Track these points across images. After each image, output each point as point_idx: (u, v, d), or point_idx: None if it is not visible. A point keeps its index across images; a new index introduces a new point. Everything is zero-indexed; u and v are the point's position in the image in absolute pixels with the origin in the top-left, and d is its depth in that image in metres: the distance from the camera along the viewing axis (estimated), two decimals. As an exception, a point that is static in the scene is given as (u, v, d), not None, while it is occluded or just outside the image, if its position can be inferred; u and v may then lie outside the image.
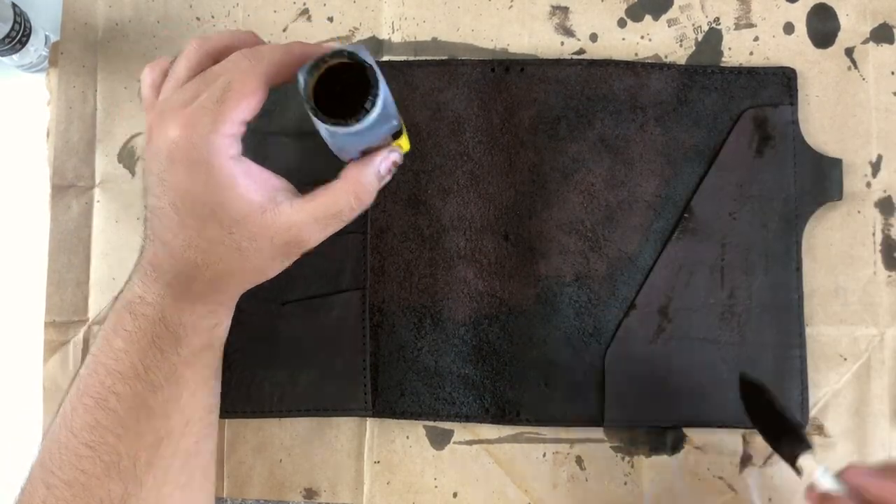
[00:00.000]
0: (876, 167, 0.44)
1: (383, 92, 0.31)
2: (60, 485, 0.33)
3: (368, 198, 0.35)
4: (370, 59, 0.31)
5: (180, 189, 0.32)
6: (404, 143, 0.36)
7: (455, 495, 0.43)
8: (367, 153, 0.35)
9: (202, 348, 0.36)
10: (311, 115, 0.31)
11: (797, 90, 0.44)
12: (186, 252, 0.33)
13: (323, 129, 0.32)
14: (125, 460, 0.34)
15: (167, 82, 0.34)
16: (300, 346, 0.43)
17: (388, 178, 0.36)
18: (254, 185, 0.33)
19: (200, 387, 0.36)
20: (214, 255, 0.33)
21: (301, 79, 0.32)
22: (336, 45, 0.32)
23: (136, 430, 0.34)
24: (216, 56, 0.34)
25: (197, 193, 0.32)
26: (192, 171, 0.32)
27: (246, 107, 0.32)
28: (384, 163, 0.35)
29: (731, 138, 0.43)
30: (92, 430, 0.34)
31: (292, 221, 0.33)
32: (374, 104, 0.31)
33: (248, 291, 0.43)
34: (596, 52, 0.45)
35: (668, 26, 0.45)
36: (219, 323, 0.37)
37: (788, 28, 0.45)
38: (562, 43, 0.45)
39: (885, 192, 0.44)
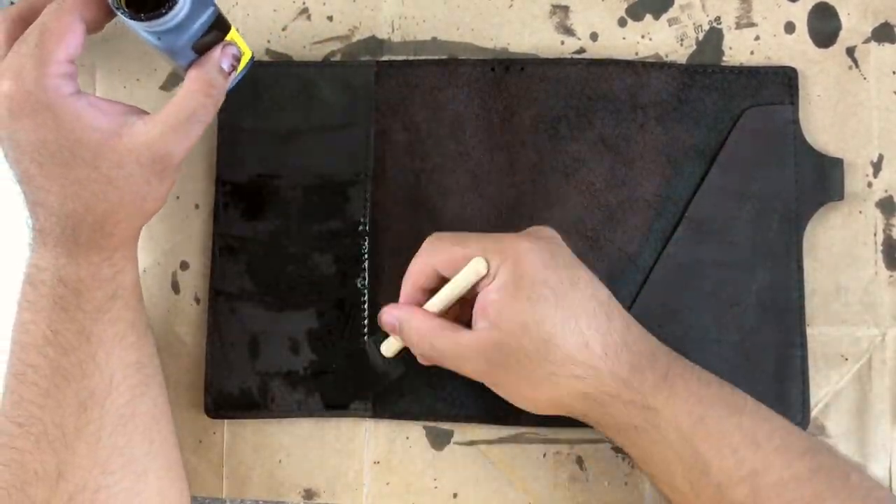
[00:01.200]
0: (877, 167, 0.44)
1: None
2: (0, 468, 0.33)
3: (217, 92, 0.36)
4: None
5: (34, 142, 0.33)
6: (240, 42, 0.37)
7: (455, 496, 0.43)
8: (203, 53, 0.36)
9: (106, 300, 0.35)
10: (127, 23, 0.32)
11: (798, 90, 0.44)
12: (64, 204, 0.33)
13: (146, 33, 0.33)
14: (52, 429, 0.33)
15: None
16: (300, 345, 0.43)
17: (235, 74, 0.36)
18: (101, 113, 0.33)
19: (117, 342, 0.36)
20: (89, 196, 0.34)
21: (112, 4, 0.33)
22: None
23: (57, 396, 0.34)
24: (28, 22, 0.34)
25: (50, 139, 0.32)
26: (36, 118, 0.32)
27: (66, 44, 0.33)
28: (223, 57, 0.36)
29: (732, 138, 0.43)
30: (18, 406, 0.34)
31: (151, 137, 0.34)
32: None
33: (248, 291, 0.43)
34: (596, 51, 0.45)
35: (669, 25, 0.45)
36: (119, 271, 0.36)
37: (789, 27, 0.45)
38: (562, 42, 0.45)
39: (886, 191, 0.44)
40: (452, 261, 0.37)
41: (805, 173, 0.43)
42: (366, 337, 0.43)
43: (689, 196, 0.43)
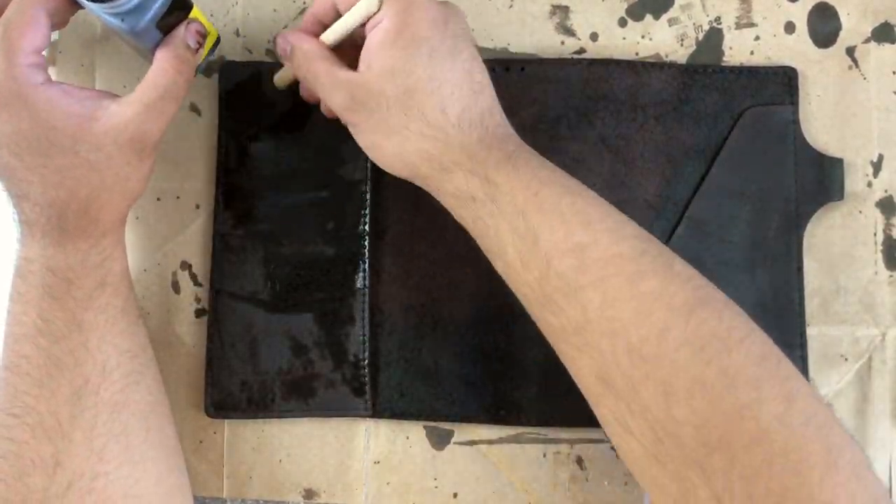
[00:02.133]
0: (877, 167, 0.44)
1: None
2: None
3: (187, 67, 0.37)
4: None
5: (9, 133, 0.33)
6: (204, 21, 0.38)
7: (455, 496, 0.43)
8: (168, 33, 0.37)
9: (96, 287, 0.36)
10: (91, 8, 0.33)
11: (798, 89, 0.44)
12: (47, 193, 0.34)
13: (109, 17, 0.33)
14: (48, 418, 0.34)
15: None
16: (300, 345, 0.43)
17: (202, 52, 0.38)
18: (74, 99, 0.34)
19: (108, 329, 0.36)
20: (72, 182, 0.34)
21: None
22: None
23: (51, 385, 0.34)
24: None
25: (26, 129, 0.33)
26: (10, 109, 0.33)
27: (32, 35, 0.33)
28: (188, 34, 0.37)
29: (732, 138, 0.43)
30: (12, 398, 0.34)
31: (127, 117, 0.34)
32: None
33: (248, 291, 0.43)
34: (596, 51, 0.45)
35: (669, 25, 0.45)
36: (108, 257, 0.36)
37: (789, 27, 0.45)
38: (562, 42, 0.45)
39: (886, 191, 0.44)
40: None
41: (805, 173, 0.43)
42: (366, 337, 0.43)
43: (689, 196, 0.43)
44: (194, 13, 0.38)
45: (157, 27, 0.36)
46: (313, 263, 0.44)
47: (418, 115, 0.35)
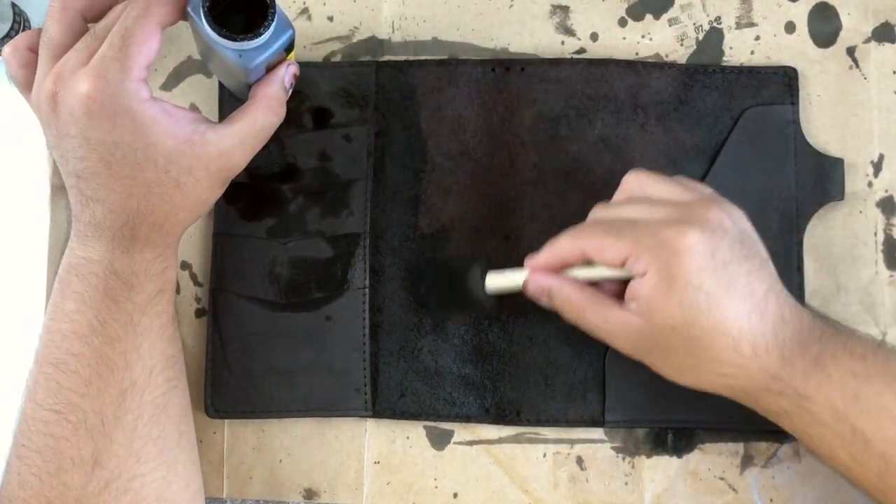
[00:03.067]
0: (878, 167, 0.44)
1: (276, 2, 0.34)
2: (31, 454, 0.34)
3: (281, 110, 0.38)
4: None
5: (107, 142, 0.33)
6: (293, 56, 0.39)
7: (455, 496, 0.43)
8: (268, 70, 0.38)
9: (156, 293, 0.36)
10: (215, 40, 0.34)
11: (798, 89, 0.44)
12: (127, 202, 0.34)
13: (230, 51, 0.34)
14: (91, 417, 0.34)
15: (46, 52, 0.35)
16: (300, 346, 0.43)
17: (290, 91, 0.39)
18: (176, 121, 0.34)
19: (159, 334, 0.36)
20: (155, 197, 0.34)
21: (193, 12, 0.34)
22: None
23: (99, 385, 0.34)
24: (86, 15, 0.35)
25: (125, 142, 0.33)
26: (115, 121, 0.33)
27: (148, 51, 0.33)
28: (287, 76, 0.38)
29: (733, 138, 0.43)
30: (55, 394, 0.34)
31: (221, 148, 0.35)
32: (274, 12, 0.34)
33: (248, 291, 0.43)
34: (596, 51, 0.45)
35: (669, 25, 0.45)
36: (168, 265, 0.37)
37: (790, 27, 0.45)
38: (562, 42, 0.45)
39: (886, 191, 0.44)
40: (602, 249, 0.36)
41: (805, 173, 0.43)
42: (366, 337, 0.43)
43: (690, 196, 0.43)
44: (291, 54, 0.38)
45: (265, 68, 0.37)
46: (313, 263, 0.44)
47: (709, 359, 0.35)
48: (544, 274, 0.38)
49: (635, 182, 0.38)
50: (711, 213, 0.35)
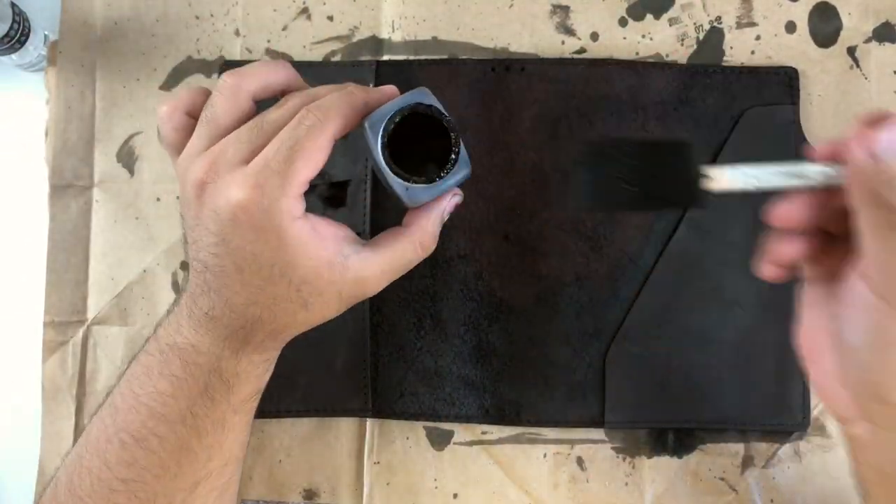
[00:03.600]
0: (878, 167, 0.44)
1: (461, 142, 0.31)
2: None
3: (433, 244, 0.35)
4: (444, 110, 0.31)
5: (246, 251, 0.31)
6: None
7: (455, 496, 0.43)
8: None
9: (252, 395, 0.35)
10: (387, 173, 0.31)
11: (799, 89, 0.43)
12: (249, 308, 0.32)
13: (398, 185, 0.32)
14: (161, 500, 0.33)
15: (206, 128, 0.32)
16: (300, 346, 0.43)
17: (447, 218, 0.35)
18: (322, 242, 0.32)
19: (243, 429, 0.36)
20: (279, 310, 0.33)
21: (370, 131, 0.31)
22: (398, 96, 0.32)
23: (176, 472, 0.33)
24: (257, 97, 0.33)
25: (266, 256, 0.31)
26: (260, 235, 0.31)
27: (314, 166, 0.31)
28: (448, 206, 0.35)
29: (733, 138, 0.43)
30: (129, 466, 0.33)
31: (360, 276, 0.33)
32: (457, 158, 0.31)
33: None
34: (597, 51, 0.45)
35: (670, 25, 0.45)
36: (269, 368, 0.36)
37: (790, 27, 0.45)
38: (562, 42, 0.45)
39: (887, 191, 0.44)
40: None
41: (806, 173, 0.43)
42: (366, 337, 0.43)
43: (690, 196, 0.43)
44: None
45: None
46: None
47: None
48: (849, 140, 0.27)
49: None
50: None
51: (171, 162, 0.34)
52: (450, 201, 0.35)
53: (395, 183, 0.32)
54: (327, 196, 0.44)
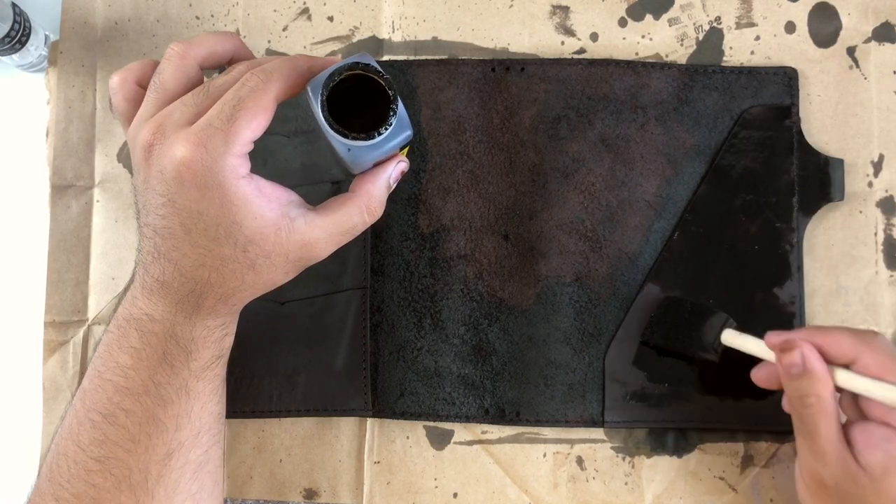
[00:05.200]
0: (878, 167, 0.44)
1: (399, 101, 0.31)
2: (70, 497, 0.33)
3: (380, 209, 0.36)
4: (381, 70, 0.31)
5: (192, 210, 0.31)
6: (405, 150, 0.36)
7: (455, 496, 0.43)
8: (376, 164, 0.35)
9: (212, 360, 0.36)
10: (327, 131, 0.31)
11: (798, 90, 0.44)
12: (198, 270, 0.33)
13: (340, 144, 0.32)
14: (136, 474, 0.33)
15: (154, 94, 0.33)
16: (300, 345, 0.43)
17: (394, 186, 0.36)
18: (267, 202, 0.32)
19: (210, 397, 0.36)
20: (227, 272, 0.33)
21: (312, 93, 0.32)
22: (340, 59, 0.32)
23: (147, 444, 0.34)
24: (204, 64, 0.34)
25: (210, 215, 0.31)
26: (205, 192, 0.31)
27: (257, 126, 0.32)
28: (394, 172, 0.35)
29: (732, 138, 0.43)
30: (101, 444, 0.33)
31: (306, 239, 0.34)
32: (395, 115, 0.31)
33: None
34: (596, 51, 0.45)
35: (669, 25, 0.45)
36: (228, 332, 0.36)
37: (790, 27, 0.45)
38: (562, 42, 0.45)
39: (886, 191, 0.44)
40: (884, 368, 0.34)
41: (805, 173, 0.43)
42: (366, 337, 0.43)
43: (689, 196, 0.43)
44: (404, 150, 0.36)
45: (373, 163, 0.35)
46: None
47: None
48: (814, 349, 0.35)
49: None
50: None
51: (125, 133, 0.35)
52: (396, 167, 0.35)
53: (337, 142, 0.32)
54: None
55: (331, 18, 0.46)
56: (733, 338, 0.39)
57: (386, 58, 0.45)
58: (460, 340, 0.43)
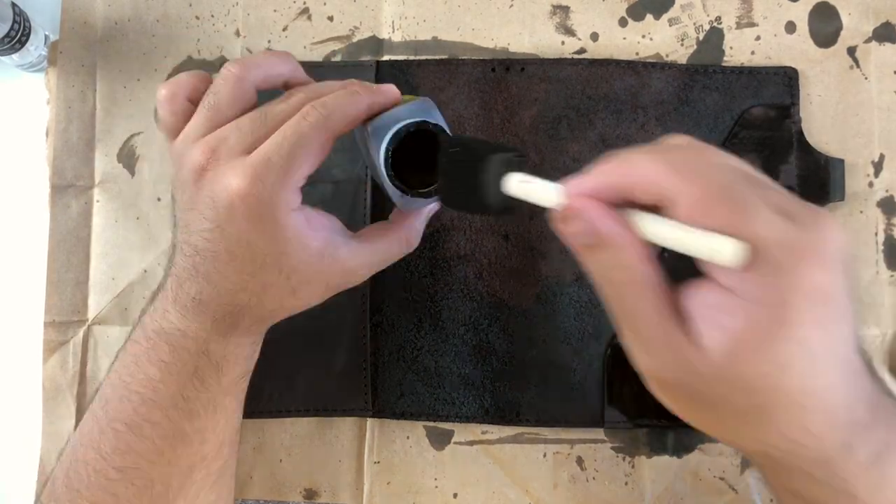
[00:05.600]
0: (878, 167, 0.44)
1: None
2: None
3: (417, 241, 0.36)
4: (444, 124, 0.32)
5: (241, 240, 0.31)
6: None
7: (455, 496, 0.43)
8: None
9: (241, 377, 0.36)
10: (387, 183, 0.32)
11: (799, 90, 0.43)
12: (238, 295, 0.33)
13: (396, 195, 0.33)
14: (158, 486, 0.33)
15: (207, 114, 0.33)
16: (300, 346, 0.43)
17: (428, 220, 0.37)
18: (314, 232, 0.32)
19: (234, 411, 0.36)
20: (267, 297, 0.33)
21: (372, 138, 0.32)
22: (399, 98, 0.33)
23: (171, 456, 0.33)
24: (260, 87, 0.33)
25: (260, 245, 0.31)
26: (257, 225, 0.31)
27: (314, 163, 0.32)
28: (436, 207, 0.36)
29: (733, 138, 0.43)
30: (123, 455, 0.33)
31: (348, 266, 0.34)
32: None
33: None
34: (597, 51, 0.45)
35: (670, 25, 0.45)
36: (257, 350, 0.36)
37: (790, 27, 0.45)
38: (562, 42, 0.45)
39: (887, 191, 0.44)
40: (712, 208, 0.24)
41: (806, 174, 0.43)
42: (366, 337, 0.43)
43: (690, 196, 0.43)
44: None
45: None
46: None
47: (768, 430, 0.26)
48: (601, 208, 0.26)
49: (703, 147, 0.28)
50: (838, 239, 0.25)
51: (167, 146, 0.34)
52: (436, 203, 0.36)
53: (394, 193, 0.33)
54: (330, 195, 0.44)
55: (331, 18, 0.46)
56: (521, 185, 0.29)
57: (386, 58, 0.45)
58: (460, 340, 0.43)
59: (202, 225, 0.31)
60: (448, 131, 0.32)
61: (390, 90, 0.34)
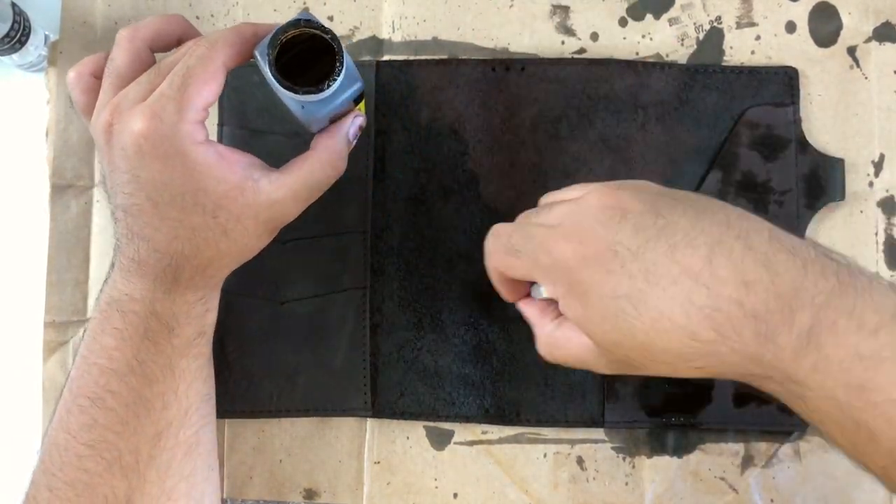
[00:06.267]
0: (878, 166, 0.44)
1: (345, 54, 0.32)
2: (63, 486, 0.33)
3: (342, 164, 0.36)
4: (324, 25, 0.32)
5: (156, 182, 0.32)
6: (362, 106, 0.37)
7: (455, 496, 0.43)
8: (333, 121, 0.36)
9: (195, 336, 0.36)
10: (278, 89, 0.32)
11: (799, 89, 0.44)
12: (172, 244, 0.33)
13: (292, 101, 0.33)
14: (127, 456, 0.34)
15: (109, 80, 0.34)
16: (300, 345, 0.43)
17: (354, 142, 0.37)
18: (229, 165, 0.33)
19: (196, 375, 0.36)
20: (201, 241, 0.34)
21: (260, 56, 0.33)
22: (281, 22, 0.33)
23: (136, 425, 0.34)
24: (153, 46, 0.35)
25: (175, 184, 0.32)
26: (166, 162, 0.32)
27: (208, 92, 0.32)
28: (352, 128, 0.36)
29: (733, 138, 0.43)
30: (90, 429, 0.34)
31: (273, 198, 0.34)
32: (341, 67, 0.32)
33: (248, 291, 0.43)
34: (597, 51, 0.45)
35: (670, 25, 0.45)
36: (209, 308, 0.37)
37: (790, 27, 0.45)
38: (562, 42, 0.45)
39: (887, 191, 0.44)
40: (511, 269, 0.34)
41: (806, 173, 0.43)
42: (366, 337, 0.43)
43: (690, 196, 0.43)
44: (360, 105, 0.37)
45: (329, 119, 0.35)
46: (313, 263, 0.44)
47: (674, 357, 0.29)
48: (531, 303, 0.36)
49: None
50: (599, 200, 0.31)
51: (88, 127, 0.35)
52: (353, 122, 0.36)
53: (290, 101, 0.33)
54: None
55: (331, 18, 0.46)
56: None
57: (386, 58, 0.45)
58: (460, 340, 0.43)
59: (121, 179, 0.33)
60: (324, 26, 0.32)
61: (275, 23, 0.35)
